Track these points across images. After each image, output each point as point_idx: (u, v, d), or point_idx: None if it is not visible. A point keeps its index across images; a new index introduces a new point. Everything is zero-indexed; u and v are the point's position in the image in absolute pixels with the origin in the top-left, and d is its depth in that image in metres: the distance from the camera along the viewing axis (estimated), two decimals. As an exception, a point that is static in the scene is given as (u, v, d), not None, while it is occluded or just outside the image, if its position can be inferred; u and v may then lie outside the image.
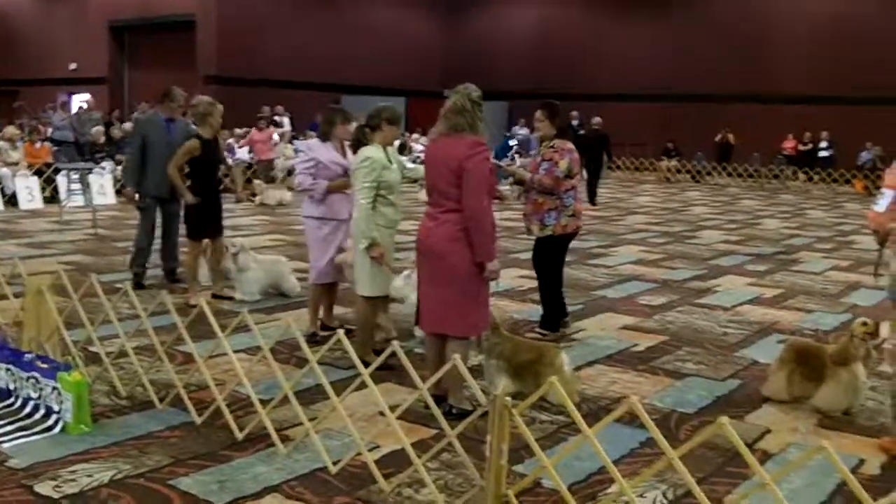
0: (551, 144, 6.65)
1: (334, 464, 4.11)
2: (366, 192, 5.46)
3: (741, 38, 27.72)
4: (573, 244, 7.11)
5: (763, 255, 11.57)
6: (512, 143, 21.80)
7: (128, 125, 18.16)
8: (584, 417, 3.51)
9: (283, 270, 8.12)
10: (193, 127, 7.91)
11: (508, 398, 3.26)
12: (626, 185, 23.94)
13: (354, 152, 5.88)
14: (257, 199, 15.62)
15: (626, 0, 29.64)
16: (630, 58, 29.49)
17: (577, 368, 5.84)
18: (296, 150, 19.08)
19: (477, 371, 5.39)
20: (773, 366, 5.55)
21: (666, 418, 5.09)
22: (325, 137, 6.57)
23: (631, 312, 7.77)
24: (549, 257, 6.76)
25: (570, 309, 7.18)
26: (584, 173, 18.57)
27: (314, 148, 6.59)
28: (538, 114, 6.75)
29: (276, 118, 23.03)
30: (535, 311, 7.63)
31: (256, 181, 17.14)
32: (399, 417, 4.04)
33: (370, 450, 4.19)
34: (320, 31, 28.08)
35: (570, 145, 6.69)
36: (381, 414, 4.21)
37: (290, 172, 17.43)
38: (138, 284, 8.17)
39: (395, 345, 3.72)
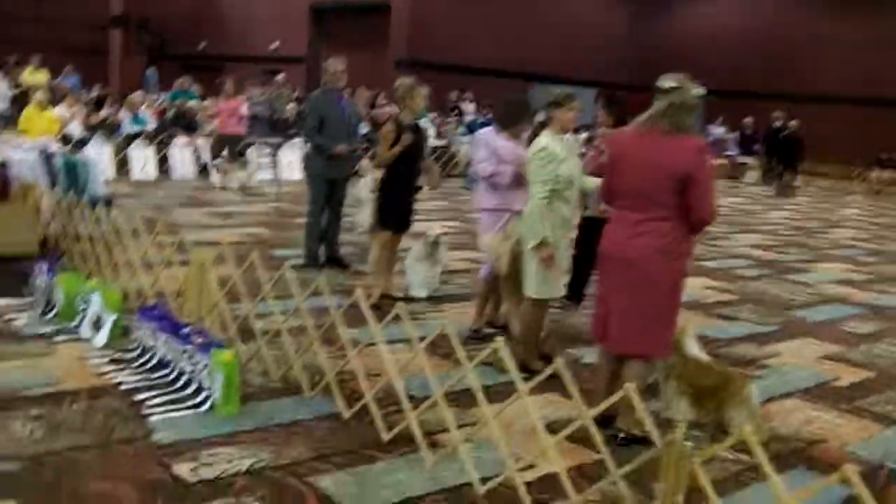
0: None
1: (483, 481, 3.71)
2: (540, 186, 4.99)
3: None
4: (771, 256, 6.45)
5: None
6: None
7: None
8: (772, 460, 2.90)
9: None
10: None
11: (688, 443, 2.73)
12: (831, 194, 22.15)
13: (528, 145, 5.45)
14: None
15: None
16: (843, 57, 27.20)
17: (769, 400, 5.17)
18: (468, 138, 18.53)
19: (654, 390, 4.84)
20: None
21: (872, 473, 4.33)
22: (501, 128, 6.20)
23: (833, 340, 6.89)
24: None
25: (764, 329, 6.88)
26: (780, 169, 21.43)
27: (491, 138, 6.20)
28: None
29: (461, 104, 22.92)
30: (720, 327, 6.96)
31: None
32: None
33: (526, 469, 3.75)
34: (513, 20, 27.69)
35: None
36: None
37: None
38: (313, 261, 8.09)
39: (560, 362, 3.27)
